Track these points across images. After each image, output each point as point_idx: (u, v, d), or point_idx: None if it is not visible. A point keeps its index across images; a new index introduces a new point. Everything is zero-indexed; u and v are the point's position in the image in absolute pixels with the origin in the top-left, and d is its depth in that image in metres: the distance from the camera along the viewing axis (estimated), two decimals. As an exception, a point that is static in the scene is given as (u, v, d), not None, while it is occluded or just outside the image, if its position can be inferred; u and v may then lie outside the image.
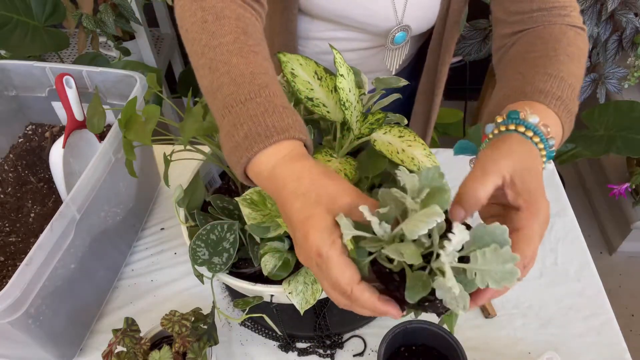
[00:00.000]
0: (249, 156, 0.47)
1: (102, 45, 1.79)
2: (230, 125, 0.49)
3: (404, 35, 0.81)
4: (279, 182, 0.46)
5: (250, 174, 0.49)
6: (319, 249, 0.41)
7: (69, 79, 0.76)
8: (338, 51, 0.60)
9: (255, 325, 0.78)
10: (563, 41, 0.59)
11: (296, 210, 0.44)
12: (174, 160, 0.68)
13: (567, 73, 0.54)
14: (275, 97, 0.50)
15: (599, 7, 1.59)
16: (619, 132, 1.48)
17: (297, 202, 0.44)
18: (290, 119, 0.48)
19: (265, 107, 0.48)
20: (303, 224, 0.43)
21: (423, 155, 0.61)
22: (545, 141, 0.47)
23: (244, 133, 0.47)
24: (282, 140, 0.47)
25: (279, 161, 0.47)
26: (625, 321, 1.73)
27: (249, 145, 0.47)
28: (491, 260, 0.38)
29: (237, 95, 0.49)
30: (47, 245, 0.61)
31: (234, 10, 0.56)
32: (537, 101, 0.51)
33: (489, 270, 0.38)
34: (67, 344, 0.73)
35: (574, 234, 0.91)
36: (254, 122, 0.47)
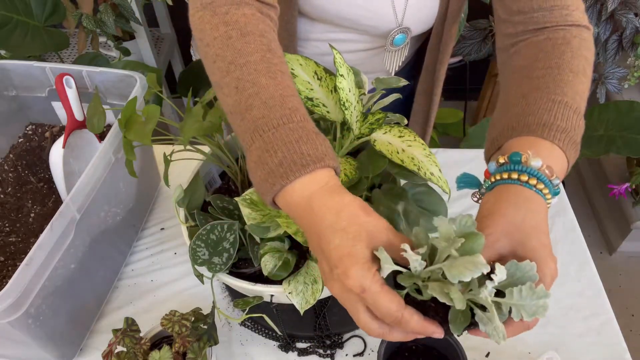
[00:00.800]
0: (284, 184, 0.46)
1: (102, 45, 1.79)
2: (261, 151, 0.48)
3: (403, 37, 0.81)
4: (317, 215, 0.45)
5: (280, 201, 0.48)
6: (363, 285, 0.42)
7: (69, 79, 0.76)
8: (338, 51, 0.60)
9: (255, 325, 0.78)
10: (567, 54, 0.57)
11: (335, 247, 0.44)
12: (174, 160, 0.68)
13: (571, 95, 0.53)
14: (306, 122, 0.49)
15: (599, 7, 1.59)
16: (619, 132, 1.48)
17: (336, 238, 0.44)
18: (323, 146, 0.48)
19: (299, 134, 0.48)
20: (342, 261, 0.43)
21: (423, 155, 0.61)
22: (549, 184, 0.47)
23: (279, 160, 0.46)
24: (318, 169, 0.47)
25: (316, 192, 0.46)
26: (625, 321, 1.73)
27: (284, 172, 0.46)
28: (526, 296, 0.41)
29: (268, 119, 0.48)
30: (47, 245, 0.61)
31: (256, 25, 0.55)
32: (540, 137, 0.50)
33: (523, 305, 0.41)
34: (67, 344, 0.73)
35: (574, 234, 0.91)
36: (288, 149, 0.47)
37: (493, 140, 0.55)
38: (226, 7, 0.55)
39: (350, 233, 0.44)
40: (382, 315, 0.43)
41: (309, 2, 0.75)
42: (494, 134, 0.55)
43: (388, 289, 0.43)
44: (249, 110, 0.49)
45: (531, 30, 0.62)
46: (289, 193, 0.47)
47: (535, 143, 0.49)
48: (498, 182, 0.49)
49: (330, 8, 0.75)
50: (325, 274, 0.46)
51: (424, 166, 0.59)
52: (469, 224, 0.43)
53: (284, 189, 0.47)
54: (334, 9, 0.75)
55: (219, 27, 0.54)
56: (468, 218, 0.43)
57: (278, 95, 0.50)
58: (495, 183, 0.49)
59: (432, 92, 0.93)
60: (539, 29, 0.62)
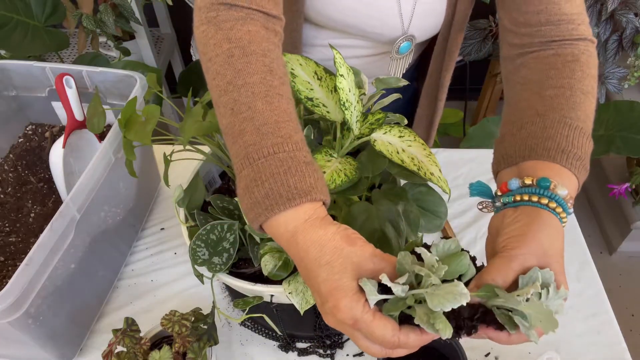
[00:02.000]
0: (268, 216, 0.47)
1: (102, 45, 1.79)
2: (249, 180, 0.48)
3: (408, 44, 0.81)
4: (301, 250, 0.46)
5: (267, 230, 0.49)
6: (354, 317, 0.43)
7: (69, 79, 0.76)
8: (338, 51, 0.60)
9: (255, 325, 0.78)
10: (577, 72, 0.58)
11: (322, 281, 0.44)
12: (174, 160, 0.68)
13: (583, 119, 0.55)
14: (298, 152, 0.49)
15: (599, 7, 1.59)
16: (619, 132, 1.48)
17: (323, 273, 0.44)
18: (311, 178, 0.48)
19: (288, 165, 0.47)
20: (332, 294, 0.44)
21: (423, 156, 0.61)
22: (567, 211, 0.49)
23: (265, 192, 0.47)
24: (304, 203, 0.47)
25: (299, 226, 0.46)
26: (625, 321, 1.73)
27: (269, 205, 0.46)
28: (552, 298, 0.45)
29: (259, 147, 0.48)
30: (47, 245, 0.61)
31: (259, 44, 0.54)
32: (560, 164, 0.52)
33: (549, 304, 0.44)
34: (67, 344, 0.73)
35: (574, 234, 0.91)
36: (275, 181, 0.47)
37: (507, 156, 0.55)
38: (231, 23, 0.54)
39: (335, 267, 0.44)
40: (379, 343, 0.44)
41: (314, 10, 0.75)
42: (509, 149, 0.55)
43: (380, 316, 0.43)
44: (242, 135, 0.49)
45: (537, 43, 0.62)
46: (274, 225, 0.47)
47: (557, 170, 0.51)
48: (524, 202, 0.50)
49: (336, 16, 0.75)
50: (318, 306, 0.47)
51: (424, 166, 0.59)
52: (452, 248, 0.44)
53: (269, 221, 0.47)
54: (340, 17, 0.75)
55: (222, 44, 0.53)
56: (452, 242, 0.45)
57: (272, 121, 0.49)
58: (521, 203, 0.50)
59: (436, 98, 0.93)
60: (545, 42, 0.62)
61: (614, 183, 1.70)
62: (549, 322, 0.43)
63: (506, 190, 0.52)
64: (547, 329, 0.44)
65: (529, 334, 0.44)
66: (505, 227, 0.49)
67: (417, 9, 0.76)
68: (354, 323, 0.43)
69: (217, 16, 0.55)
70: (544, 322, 0.43)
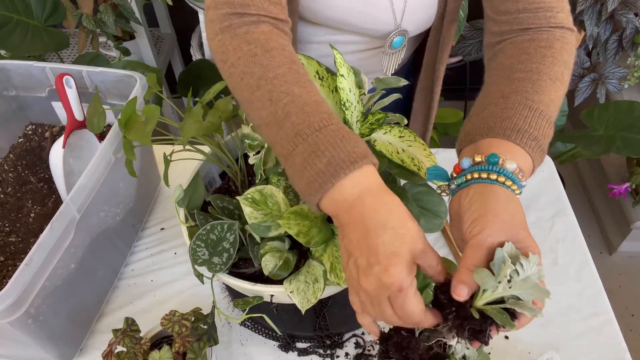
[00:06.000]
0: (334, 182, 0.48)
1: (102, 45, 1.79)
2: (307, 153, 0.49)
3: (401, 39, 0.81)
4: (369, 210, 0.47)
5: (326, 200, 0.49)
6: (402, 285, 0.45)
7: (69, 79, 0.76)
8: (338, 51, 0.60)
9: (255, 325, 0.78)
10: (548, 58, 0.59)
11: (383, 243, 0.45)
12: (174, 160, 0.68)
13: (546, 103, 0.55)
14: (342, 125, 0.51)
15: (599, 7, 1.59)
16: (619, 132, 1.48)
17: (386, 236, 0.46)
18: (363, 144, 0.50)
19: (341, 134, 0.49)
20: (388, 258, 0.45)
21: (423, 156, 0.61)
22: (518, 183, 0.51)
23: (327, 160, 0.48)
24: (364, 165, 0.48)
25: (367, 188, 0.48)
26: (625, 321, 1.73)
27: (334, 171, 0.48)
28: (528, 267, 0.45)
29: (309, 123, 0.50)
30: (47, 245, 0.61)
31: (277, 40, 0.57)
32: (514, 142, 0.53)
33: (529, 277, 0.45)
34: (67, 344, 0.73)
35: (574, 234, 0.91)
36: (335, 148, 0.48)
37: (467, 133, 0.57)
38: (245, 28, 0.57)
39: (399, 234, 0.46)
40: (404, 316, 0.46)
41: (308, 9, 0.76)
42: (470, 128, 0.57)
43: (419, 295, 0.46)
44: (288, 118, 0.51)
45: (516, 30, 0.64)
46: (339, 191, 0.48)
47: (510, 147, 0.52)
48: (475, 180, 0.51)
49: (330, 14, 0.76)
50: (360, 269, 0.47)
51: (424, 166, 0.59)
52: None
53: (334, 187, 0.48)
54: (333, 14, 0.76)
55: (242, 47, 0.56)
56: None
57: (312, 101, 0.52)
58: (472, 181, 0.51)
59: (431, 91, 0.93)
60: (523, 29, 0.63)
61: (614, 183, 1.70)
62: (539, 292, 0.44)
63: (459, 170, 0.53)
64: (541, 299, 0.45)
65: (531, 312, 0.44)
66: (464, 212, 0.49)
67: (408, 4, 0.77)
68: (398, 290, 0.44)
69: (230, 25, 0.58)
70: (535, 294, 0.44)
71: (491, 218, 0.47)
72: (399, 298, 0.45)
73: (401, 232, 0.46)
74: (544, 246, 0.89)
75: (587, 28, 1.62)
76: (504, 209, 0.48)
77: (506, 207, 0.48)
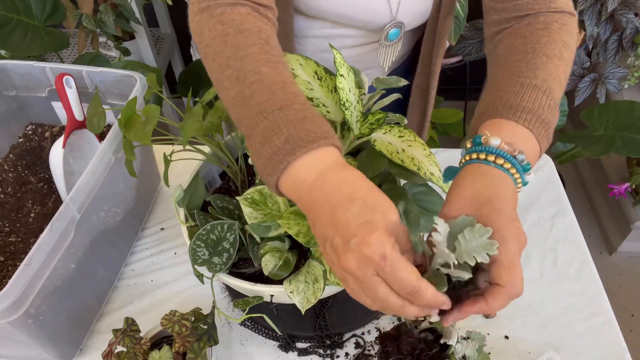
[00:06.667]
0: (290, 161, 0.46)
1: (102, 45, 1.79)
2: (267, 131, 0.47)
3: (397, 31, 0.81)
4: (331, 187, 0.45)
5: (285, 181, 0.47)
6: (384, 251, 0.41)
7: (69, 79, 0.76)
8: (338, 51, 0.60)
9: (255, 325, 0.78)
10: (544, 38, 0.58)
11: (353, 215, 0.43)
12: (174, 160, 0.68)
13: (542, 77, 0.54)
14: (310, 106, 0.50)
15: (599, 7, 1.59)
16: (619, 132, 1.48)
17: (354, 207, 0.43)
18: (327, 126, 0.48)
19: (304, 114, 0.48)
20: (362, 228, 0.42)
21: (423, 156, 0.61)
22: (511, 159, 0.48)
23: (285, 137, 0.46)
24: (324, 146, 0.47)
25: (328, 166, 0.46)
26: (625, 321, 1.73)
27: (290, 149, 0.46)
28: (470, 239, 0.44)
29: (272, 101, 0.48)
30: (47, 245, 0.61)
31: (253, 22, 0.56)
32: (505, 118, 0.51)
33: (472, 248, 0.44)
34: (67, 344, 0.73)
35: (574, 234, 0.91)
36: (294, 127, 0.47)
37: (472, 128, 0.56)
38: (222, 9, 0.57)
39: (369, 204, 0.44)
40: (400, 286, 0.42)
41: (304, 2, 0.76)
42: (473, 120, 0.57)
43: (407, 260, 0.42)
44: (253, 96, 0.50)
45: (514, 18, 0.63)
46: (296, 171, 0.46)
47: (500, 124, 0.51)
48: (463, 165, 0.51)
49: (325, 6, 0.76)
50: (338, 249, 0.44)
51: (424, 166, 0.59)
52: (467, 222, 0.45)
53: (291, 166, 0.46)
54: (330, 7, 0.76)
55: (216, 27, 0.55)
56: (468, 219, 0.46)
57: (280, 81, 0.50)
58: (462, 166, 0.51)
59: (428, 86, 0.93)
60: (521, 16, 0.62)
61: (614, 183, 1.70)
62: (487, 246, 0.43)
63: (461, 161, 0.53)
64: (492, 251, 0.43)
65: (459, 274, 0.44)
66: None
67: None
68: (381, 258, 0.41)
69: (208, 6, 0.57)
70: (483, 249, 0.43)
71: (454, 196, 0.47)
72: (387, 267, 0.41)
73: (371, 201, 0.44)
74: (544, 246, 0.89)
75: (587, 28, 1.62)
76: (471, 184, 0.47)
77: (473, 183, 0.47)
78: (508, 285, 0.43)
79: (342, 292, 0.67)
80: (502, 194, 0.47)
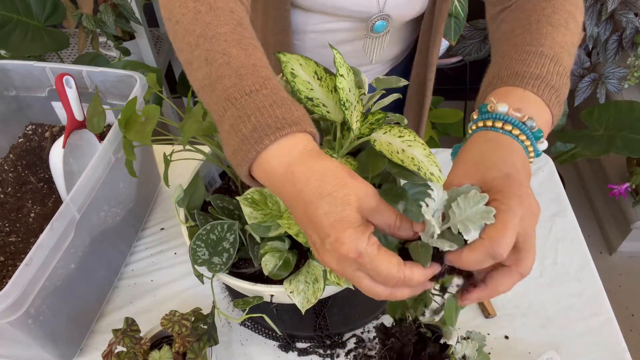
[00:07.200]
0: (258, 150, 0.44)
1: (102, 45, 1.79)
2: (234, 118, 0.45)
3: (383, 24, 0.80)
4: (299, 181, 0.43)
5: (257, 171, 0.46)
6: (358, 249, 0.41)
7: (69, 79, 0.76)
8: (338, 51, 0.60)
9: (255, 325, 0.78)
10: (547, 9, 0.56)
11: (324, 213, 0.41)
12: (174, 160, 0.68)
13: (549, 46, 0.52)
14: (280, 91, 0.47)
15: (599, 7, 1.59)
16: (619, 132, 1.48)
17: (325, 204, 0.42)
18: (299, 111, 0.46)
19: (273, 99, 0.45)
20: (334, 227, 0.41)
21: (423, 155, 0.61)
22: (521, 125, 0.46)
23: (252, 125, 0.44)
24: (294, 133, 0.44)
25: (295, 158, 0.44)
26: (625, 321, 1.73)
27: (258, 138, 0.44)
28: (465, 207, 0.41)
29: (240, 87, 0.46)
30: (47, 245, 0.61)
31: (226, 2, 0.53)
32: (513, 85, 0.49)
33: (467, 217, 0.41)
34: (67, 344, 0.73)
35: (574, 234, 0.91)
36: (262, 114, 0.44)
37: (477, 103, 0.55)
38: None
39: (338, 198, 0.42)
40: (384, 279, 0.42)
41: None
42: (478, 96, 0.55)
43: (385, 250, 0.41)
44: (220, 80, 0.47)
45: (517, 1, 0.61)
46: (266, 160, 0.44)
47: (507, 92, 0.49)
48: (469, 135, 0.49)
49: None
50: (316, 247, 0.44)
51: (424, 166, 0.59)
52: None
53: (260, 156, 0.44)
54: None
55: (188, 4, 0.52)
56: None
57: (250, 64, 0.48)
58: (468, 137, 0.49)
59: (425, 78, 0.93)
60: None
61: (614, 183, 1.70)
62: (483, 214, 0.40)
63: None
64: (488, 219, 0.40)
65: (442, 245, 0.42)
66: None
67: None
68: (358, 256, 0.40)
69: None
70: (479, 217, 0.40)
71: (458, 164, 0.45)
72: (366, 263, 0.41)
73: (340, 195, 0.41)
74: (544, 246, 0.89)
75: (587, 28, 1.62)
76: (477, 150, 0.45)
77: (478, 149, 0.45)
78: (489, 240, 0.40)
79: (342, 292, 0.67)
80: (510, 160, 0.44)
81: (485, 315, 0.80)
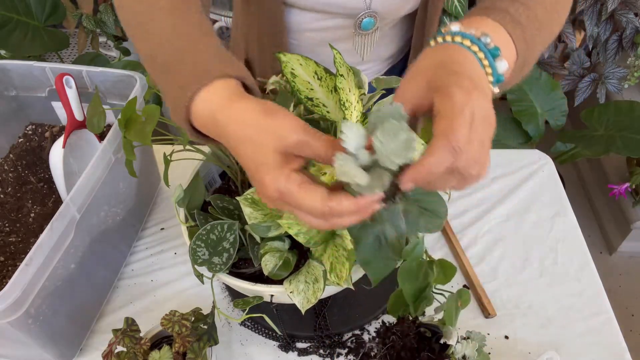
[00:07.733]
0: (186, 104, 0.46)
1: (102, 45, 1.79)
2: (168, 84, 0.48)
3: (371, 21, 0.80)
4: (222, 129, 0.44)
5: (198, 126, 0.48)
6: (278, 189, 0.41)
7: (69, 79, 0.76)
8: (338, 51, 0.60)
9: (255, 325, 0.78)
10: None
11: (249, 157, 0.43)
12: (174, 160, 0.68)
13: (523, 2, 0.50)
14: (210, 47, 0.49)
15: (599, 7, 1.59)
16: (619, 132, 1.48)
17: (246, 147, 0.43)
18: (217, 58, 0.47)
19: (195, 56, 0.47)
20: (258, 170, 0.43)
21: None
22: (472, 37, 0.44)
23: (178, 85, 0.47)
24: (213, 81, 0.46)
25: (217, 105, 0.45)
26: (625, 321, 1.73)
27: (182, 94, 0.46)
28: (386, 141, 0.38)
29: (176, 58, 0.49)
30: (47, 245, 0.61)
31: None
32: (477, 15, 0.49)
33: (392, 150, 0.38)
34: (67, 344, 0.73)
35: (574, 234, 0.91)
36: (186, 72, 0.47)
37: None
38: None
39: (257, 141, 0.42)
40: (310, 212, 0.41)
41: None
42: None
43: (307, 186, 0.41)
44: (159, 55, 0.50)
45: None
46: (198, 116, 0.46)
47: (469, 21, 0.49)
48: None
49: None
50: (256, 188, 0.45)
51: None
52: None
53: (192, 111, 0.46)
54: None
55: None
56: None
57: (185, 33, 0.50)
58: None
59: None
60: None
61: (614, 183, 1.70)
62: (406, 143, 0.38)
63: None
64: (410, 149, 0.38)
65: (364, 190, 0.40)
66: None
67: None
68: (280, 196, 0.41)
69: None
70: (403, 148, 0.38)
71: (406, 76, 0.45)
72: (290, 201, 0.41)
73: (259, 138, 0.42)
74: (544, 246, 0.89)
75: (587, 28, 1.62)
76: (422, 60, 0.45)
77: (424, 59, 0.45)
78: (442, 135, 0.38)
79: (342, 292, 0.67)
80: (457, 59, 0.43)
81: (485, 315, 0.80)
